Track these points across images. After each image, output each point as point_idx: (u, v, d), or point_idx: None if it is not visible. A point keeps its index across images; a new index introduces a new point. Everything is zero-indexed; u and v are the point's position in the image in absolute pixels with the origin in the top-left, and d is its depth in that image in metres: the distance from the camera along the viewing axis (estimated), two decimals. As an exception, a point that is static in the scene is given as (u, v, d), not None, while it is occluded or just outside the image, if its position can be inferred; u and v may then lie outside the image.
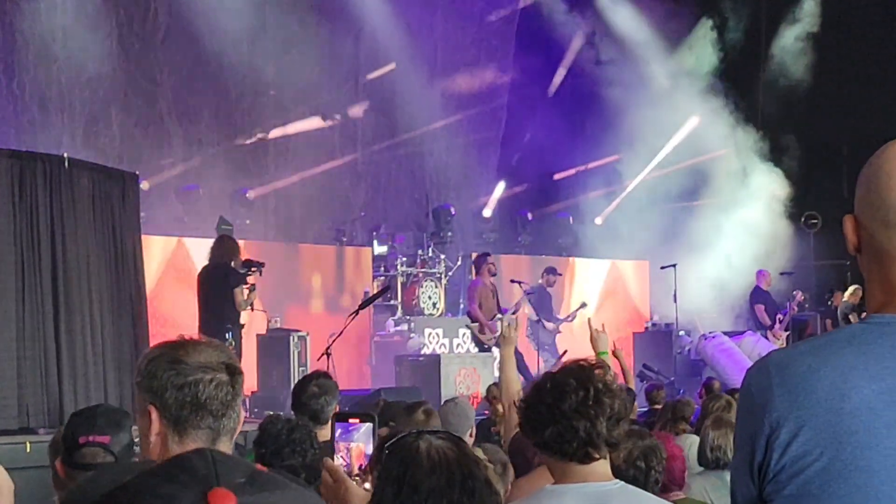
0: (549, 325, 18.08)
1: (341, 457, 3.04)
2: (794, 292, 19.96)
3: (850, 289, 19.90)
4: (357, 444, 3.04)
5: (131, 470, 2.98)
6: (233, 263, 13.63)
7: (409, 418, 6.20)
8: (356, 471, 3.00)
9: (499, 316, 16.74)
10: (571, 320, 18.44)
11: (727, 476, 6.67)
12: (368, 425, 3.06)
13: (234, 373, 2.77)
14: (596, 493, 3.63)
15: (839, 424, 2.20)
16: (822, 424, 2.21)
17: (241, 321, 13.61)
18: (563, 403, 3.63)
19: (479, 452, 3.04)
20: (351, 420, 3.08)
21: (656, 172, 23.50)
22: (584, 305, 18.51)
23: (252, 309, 13.95)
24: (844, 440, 2.20)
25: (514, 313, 17.17)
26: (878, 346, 2.26)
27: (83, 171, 12.54)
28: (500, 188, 22.59)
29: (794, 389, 2.25)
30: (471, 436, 6.62)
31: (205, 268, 13.79)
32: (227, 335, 12.91)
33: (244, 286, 13.48)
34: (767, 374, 2.31)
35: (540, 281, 18.35)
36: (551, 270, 18.52)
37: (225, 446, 2.70)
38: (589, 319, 7.02)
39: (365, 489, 2.92)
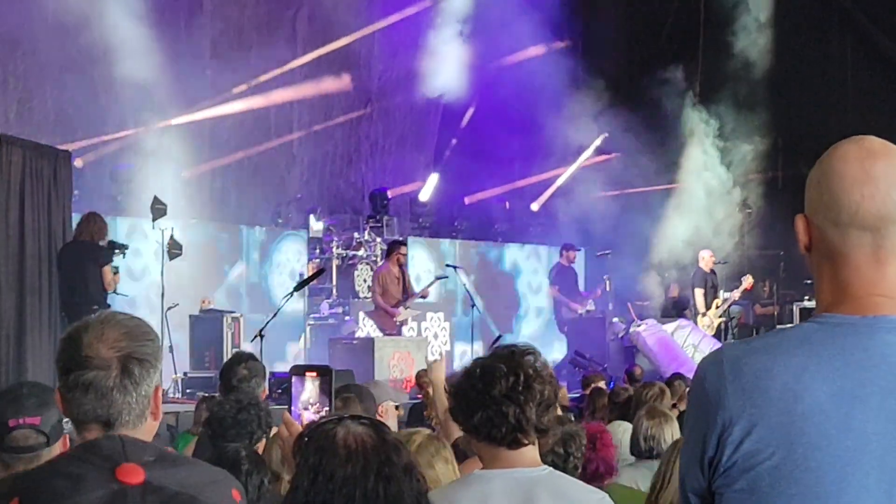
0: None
1: (298, 411, 3.00)
2: (742, 278, 19.67)
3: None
4: (315, 399, 3.01)
5: None
6: (100, 243, 13.14)
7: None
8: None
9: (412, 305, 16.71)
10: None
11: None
12: (326, 378, 3.01)
13: (136, 357, 2.64)
14: (524, 478, 3.65)
15: (791, 425, 2.23)
16: (775, 424, 2.24)
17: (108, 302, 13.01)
18: (492, 389, 3.63)
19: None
20: (308, 373, 3.03)
21: (593, 159, 23.56)
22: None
23: (115, 291, 13.32)
24: (796, 441, 2.23)
25: (423, 297, 17.15)
26: (830, 347, 2.28)
27: (15, 148, 12.41)
28: (436, 173, 22.52)
29: (748, 388, 2.27)
30: (398, 409, 6.58)
31: (68, 244, 13.12)
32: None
33: (110, 265, 13.02)
34: (721, 371, 2.32)
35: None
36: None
37: (136, 432, 2.60)
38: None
39: None
